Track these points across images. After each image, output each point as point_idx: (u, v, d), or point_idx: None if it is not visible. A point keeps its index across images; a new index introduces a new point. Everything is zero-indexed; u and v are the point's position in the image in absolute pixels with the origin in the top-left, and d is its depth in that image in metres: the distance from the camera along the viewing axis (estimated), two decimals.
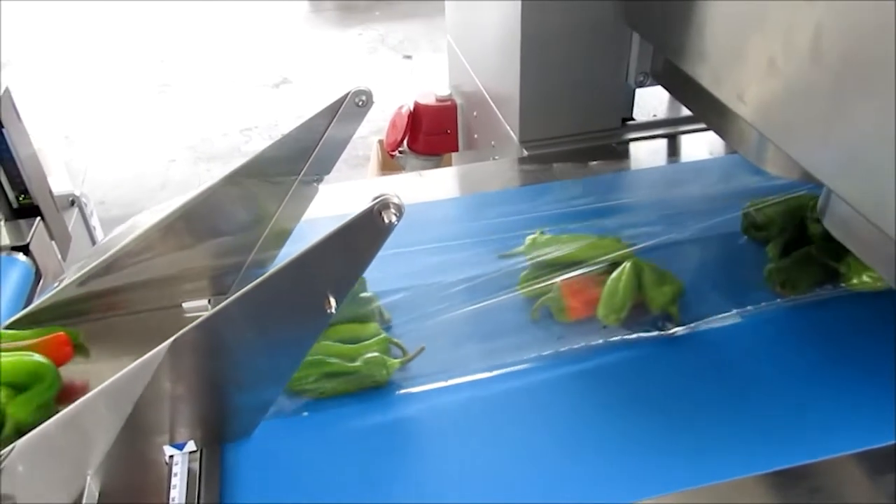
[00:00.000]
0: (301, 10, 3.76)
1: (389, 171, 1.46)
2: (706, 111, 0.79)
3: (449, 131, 1.31)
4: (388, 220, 0.49)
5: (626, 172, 0.93)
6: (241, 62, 3.19)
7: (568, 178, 0.90)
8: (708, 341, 0.66)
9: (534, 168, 0.93)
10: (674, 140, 1.01)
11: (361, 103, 0.65)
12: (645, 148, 0.98)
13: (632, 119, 1.02)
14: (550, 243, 0.72)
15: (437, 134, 1.32)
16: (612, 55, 0.93)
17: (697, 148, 0.98)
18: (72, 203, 1.18)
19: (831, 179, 0.51)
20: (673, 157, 0.97)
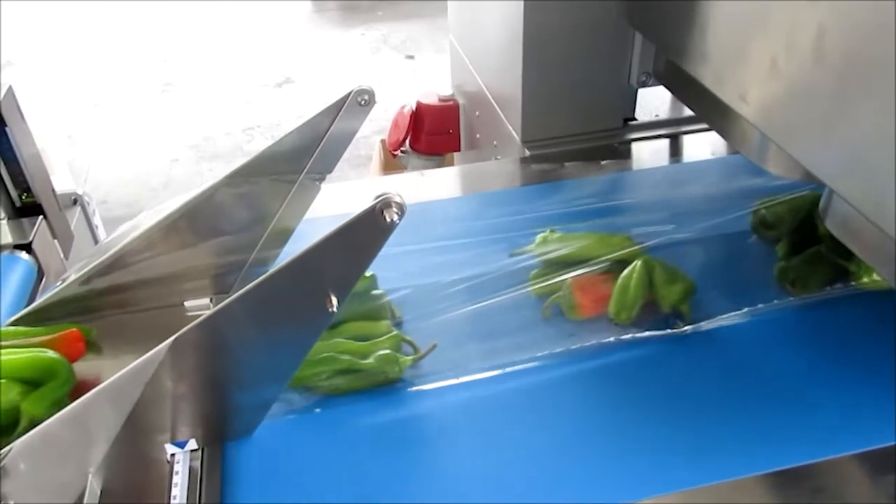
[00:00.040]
0: (304, 10, 3.76)
1: (392, 171, 1.46)
2: (708, 111, 0.79)
3: (451, 131, 1.31)
4: (390, 219, 0.49)
5: (630, 172, 0.93)
6: (244, 62, 3.19)
7: (570, 178, 0.90)
8: (714, 340, 0.66)
9: (536, 168, 0.93)
10: (676, 140, 1.00)
11: (364, 102, 0.65)
12: (647, 148, 0.98)
13: (634, 119, 1.02)
14: (561, 241, 0.72)
15: (440, 134, 1.32)
16: (615, 55, 0.93)
17: (700, 148, 0.98)
18: (74, 202, 1.19)
19: (833, 179, 0.51)
20: (675, 158, 0.97)
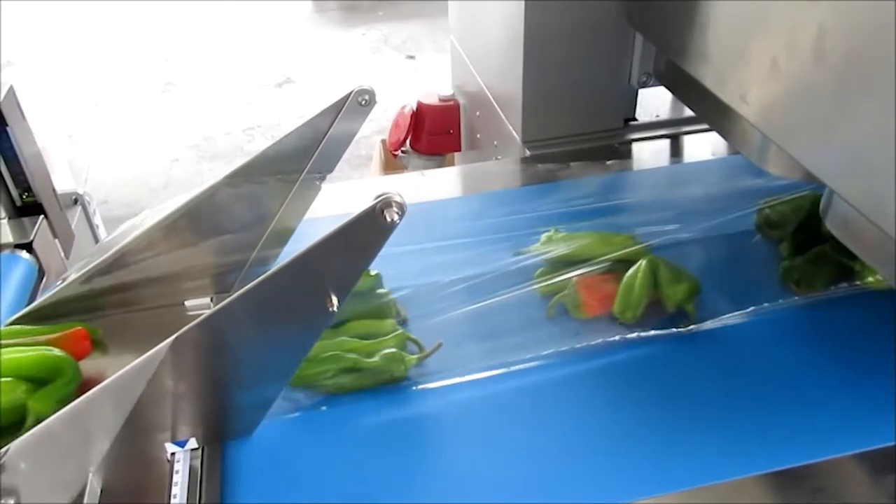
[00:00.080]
0: (304, 10, 3.76)
1: (392, 171, 1.46)
2: (708, 112, 0.79)
3: (452, 131, 1.31)
4: (390, 219, 0.49)
5: (631, 172, 0.93)
6: (245, 62, 3.19)
7: (570, 179, 0.90)
8: (717, 340, 0.66)
9: (536, 168, 0.93)
10: (676, 140, 1.00)
11: (364, 102, 0.65)
12: (648, 148, 0.98)
13: (634, 119, 1.02)
14: (565, 240, 0.72)
15: (440, 134, 1.32)
16: (615, 55, 0.93)
17: (700, 148, 0.98)
18: (75, 201, 1.18)
19: (833, 180, 0.51)
20: (676, 158, 0.97)
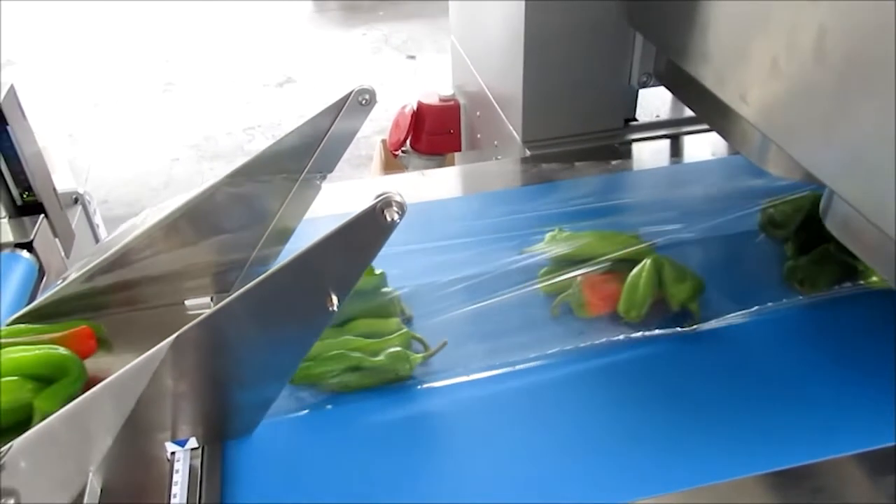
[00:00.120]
0: (305, 10, 3.76)
1: (392, 171, 1.46)
2: (709, 112, 0.79)
3: (452, 131, 1.31)
4: (391, 219, 0.49)
5: (632, 172, 0.93)
6: (245, 62, 3.19)
7: (571, 179, 0.90)
8: (721, 339, 0.66)
9: (536, 168, 0.93)
10: (677, 141, 1.00)
11: (365, 102, 0.65)
12: (648, 148, 0.98)
13: (635, 120, 1.02)
14: (569, 239, 0.72)
15: (440, 134, 1.32)
16: (615, 56, 0.93)
17: (700, 149, 0.98)
18: (75, 201, 1.18)
19: (833, 180, 0.51)
20: (676, 158, 0.97)
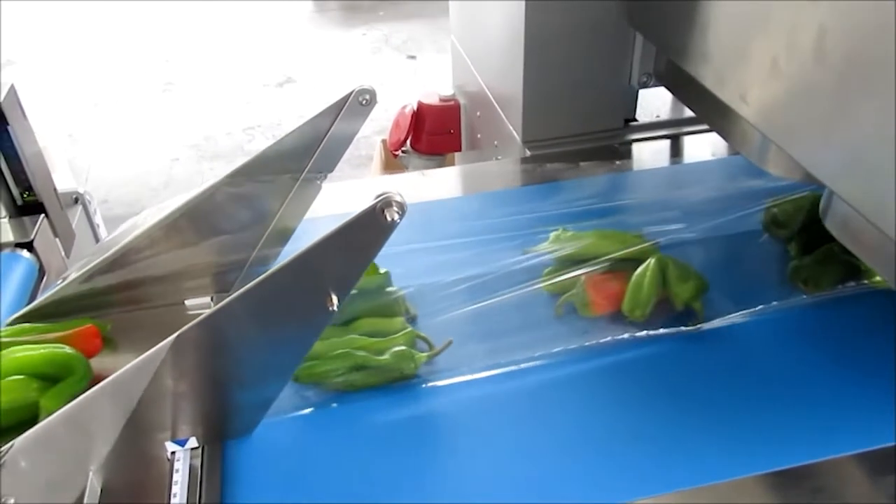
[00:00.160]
0: (305, 10, 3.76)
1: (393, 171, 1.46)
2: (709, 112, 0.79)
3: (452, 131, 1.32)
4: (391, 218, 0.49)
5: (634, 172, 0.93)
6: (245, 62, 3.19)
7: (572, 179, 0.90)
8: (724, 339, 0.66)
9: (536, 168, 0.93)
10: (677, 141, 1.01)
11: (365, 102, 0.65)
12: (648, 149, 0.98)
13: (635, 120, 1.02)
14: (574, 239, 0.72)
15: (441, 134, 1.32)
16: (615, 56, 0.93)
17: (700, 149, 0.98)
18: (75, 201, 1.18)
19: (833, 180, 0.51)
20: (676, 159, 0.97)
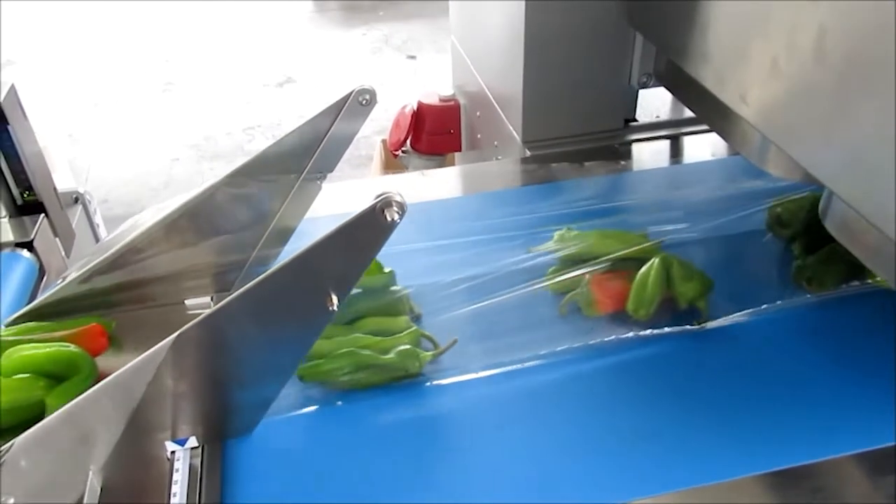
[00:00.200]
0: (305, 10, 3.76)
1: (393, 171, 1.46)
2: (708, 112, 0.79)
3: (452, 131, 1.32)
4: (391, 218, 0.49)
5: (635, 173, 0.93)
6: (245, 62, 3.19)
7: (570, 179, 0.90)
8: (727, 338, 0.66)
9: (536, 168, 0.93)
10: (677, 141, 1.01)
11: (365, 102, 0.65)
12: (648, 149, 0.98)
13: (635, 120, 1.02)
14: (578, 238, 0.72)
15: (441, 134, 1.32)
16: (615, 56, 0.93)
17: (700, 149, 0.98)
18: (75, 200, 1.18)
19: (833, 181, 0.51)
20: (676, 159, 0.97)
